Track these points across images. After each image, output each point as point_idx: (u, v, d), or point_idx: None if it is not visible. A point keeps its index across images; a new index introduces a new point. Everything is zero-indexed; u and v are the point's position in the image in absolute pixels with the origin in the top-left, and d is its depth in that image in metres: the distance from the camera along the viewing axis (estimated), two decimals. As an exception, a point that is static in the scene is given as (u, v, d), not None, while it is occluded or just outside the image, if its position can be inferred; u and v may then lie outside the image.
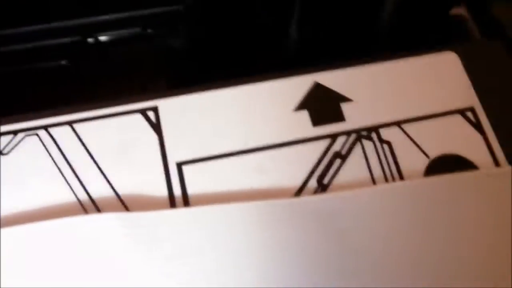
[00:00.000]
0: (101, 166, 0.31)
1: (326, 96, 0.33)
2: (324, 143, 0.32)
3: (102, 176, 0.30)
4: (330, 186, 0.31)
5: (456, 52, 0.35)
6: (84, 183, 0.30)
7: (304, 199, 0.29)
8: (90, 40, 0.42)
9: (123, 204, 0.29)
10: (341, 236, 0.29)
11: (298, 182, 0.31)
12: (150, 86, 0.41)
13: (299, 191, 0.30)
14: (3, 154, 0.31)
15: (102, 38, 0.42)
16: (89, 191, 0.30)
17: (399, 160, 0.32)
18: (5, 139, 0.31)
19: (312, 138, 0.32)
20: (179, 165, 0.31)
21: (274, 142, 0.32)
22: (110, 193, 0.30)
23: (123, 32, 0.42)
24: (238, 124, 0.32)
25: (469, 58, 0.35)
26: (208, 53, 0.42)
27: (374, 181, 0.31)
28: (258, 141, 0.32)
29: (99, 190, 0.30)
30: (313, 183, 0.31)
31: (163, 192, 0.30)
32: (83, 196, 0.30)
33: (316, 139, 0.32)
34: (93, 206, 0.30)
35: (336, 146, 0.32)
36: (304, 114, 0.33)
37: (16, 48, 0.41)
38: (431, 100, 0.33)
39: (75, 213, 0.29)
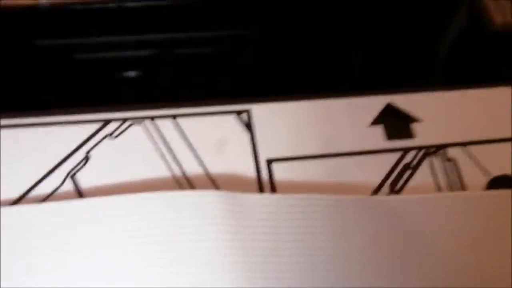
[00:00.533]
0: (200, 156, 0.35)
1: (398, 115, 0.37)
2: (395, 156, 0.36)
3: (200, 166, 0.34)
4: (401, 193, 0.34)
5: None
6: (183, 169, 0.34)
7: (380, 197, 0.33)
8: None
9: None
10: (409, 235, 0.32)
11: (372, 187, 0.34)
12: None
13: (374, 194, 0.34)
14: (112, 137, 0.35)
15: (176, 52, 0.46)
16: (187, 175, 0.34)
17: (463, 176, 0.35)
18: (115, 124, 0.36)
19: (385, 150, 0.36)
20: (269, 162, 0.35)
21: (351, 150, 0.35)
22: (206, 180, 0.34)
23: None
24: (320, 132, 0.36)
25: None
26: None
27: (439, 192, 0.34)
28: (337, 148, 0.36)
29: (197, 176, 0.34)
30: (385, 189, 0.34)
31: (253, 184, 0.34)
32: (181, 179, 0.34)
33: (389, 151, 0.36)
34: (189, 186, 0.33)
35: (407, 159, 0.36)
36: (379, 129, 0.37)
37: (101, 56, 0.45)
38: (496, 126, 0.37)
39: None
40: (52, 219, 0.31)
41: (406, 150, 0.36)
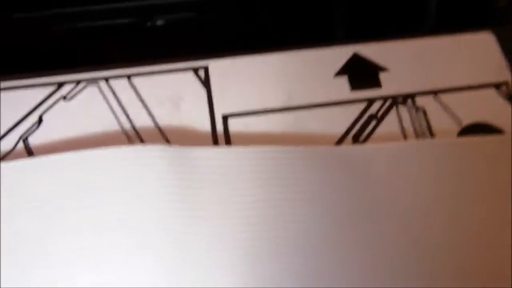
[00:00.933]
0: (154, 114, 0.33)
1: (364, 64, 0.35)
2: (360, 106, 0.34)
3: (153, 123, 0.33)
4: (365, 143, 0.33)
5: (494, 33, 0.36)
6: (136, 127, 0.33)
7: (342, 147, 0.32)
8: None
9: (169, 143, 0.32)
10: (372, 184, 0.30)
11: (335, 138, 0.33)
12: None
13: (336, 145, 0.32)
14: (66, 100, 0.34)
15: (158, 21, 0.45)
16: (140, 133, 0.33)
17: (433, 125, 0.33)
18: (69, 87, 0.35)
19: (349, 101, 0.34)
20: (225, 118, 0.33)
21: (314, 102, 0.34)
22: (159, 136, 0.33)
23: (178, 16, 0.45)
24: (281, 85, 0.34)
25: (505, 39, 0.36)
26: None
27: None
28: (299, 100, 0.34)
29: (150, 132, 0.33)
30: (349, 140, 0.33)
31: (208, 139, 0.33)
32: (133, 135, 0.33)
33: (353, 102, 0.34)
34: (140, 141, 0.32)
35: (372, 109, 0.34)
36: (343, 80, 0.35)
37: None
38: (467, 73, 0.35)
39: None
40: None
41: (371, 100, 0.34)
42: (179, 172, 0.29)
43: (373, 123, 0.33)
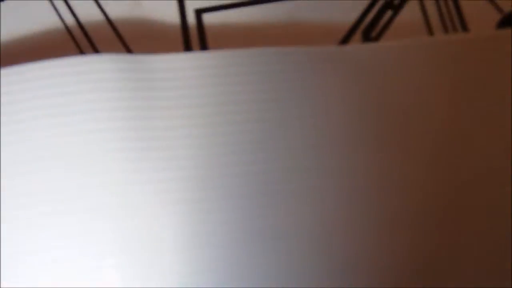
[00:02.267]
0: (108, 12, 0.26)
1: None
2: (370, -5, 0.26)
3: (107, 23, 0.26)
4: (379, 40, 0.25)
5: None
6: (90, 33, 0.26)
7: (348, 47, 0.24)
8: None
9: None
10: (378, 89, 0.24)
11: (339, 34, 0.26)
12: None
13: (342, 44, 0.25)
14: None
15: None
16: (91, 35, 0.26)
17: (466, 17, 0.26)
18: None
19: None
20: (199, 12, 0.26)
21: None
22: (115, 39, 0.26)
23: None
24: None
25: None
26: None
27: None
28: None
29: (103, 34, 0.26)
30: (358, 36, 0.26)
31: (178, 41, 0.26)
32: (81, 38, 0.26)
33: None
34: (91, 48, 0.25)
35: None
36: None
37: None
38: None
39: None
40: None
41: (386, -15, 0.27)
42: (135, 89, 0.23)
43: (389, 13, 0.26)
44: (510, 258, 0.22)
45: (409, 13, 0.26)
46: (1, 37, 0.26)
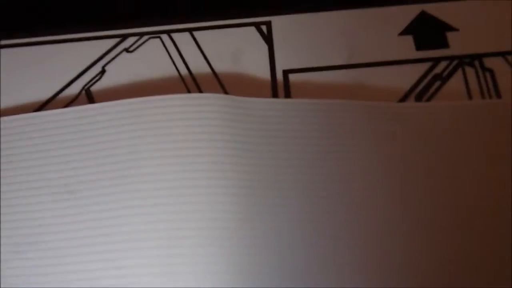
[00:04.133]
0: (214, 67, 0.33)
1: (432, 23, 0.34)
2: (425, 66, 0.33)
3: (213, 76, 0.33)
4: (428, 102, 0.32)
5: None
6: (196, 79, 0.33)
7: (404, 104, 0.31)
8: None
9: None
10: (431, 142, 0.30)
11: (397, 97, 0.32)
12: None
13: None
14: (128, 52, 0.35)
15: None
16: (200, 84, 0.33)
17: (501, 89, 0.32)
18: (132, 39, 0.35)
19: (414, 60, 0.33)
20: (286, 73, 0.33)
21: (376, 60, 0.33)
22: (218, 87, 0.33)
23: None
24: (343, 42, 0.34)
25: None
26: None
27: (472, 102, 0.32)
28: (360, 59, 0.33)
29: (209, 83, 0.33)
30: (411, 99, 0.32)
31: (268, 94, 0.32)
32: (192, 85, 0.33)
33: (418, 61, 0.33)
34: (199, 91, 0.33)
35: (437, 70, 0.33)
36: (409, 39, 0.34)
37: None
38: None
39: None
40: (62, 123, 0.31)
41: (437, 60, 0.33)
42: (236, 120, 0.29)
43: (438, 83, 0.32)
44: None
45: (454, 83, 0.32)
46: (127, 80, 0.34)
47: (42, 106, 0.33)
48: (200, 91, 0.33)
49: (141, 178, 0.29)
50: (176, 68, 0.34)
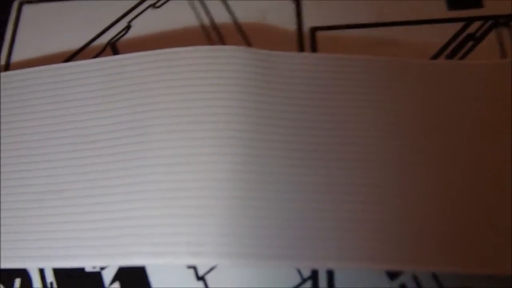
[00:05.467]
0: (240, 23, 0.33)
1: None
2: (458, 26, 0.32)
3: (238, 32, 0.33)
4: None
5: None
6: (221, 33, 0.33)
7: (434, 61, 0.30)
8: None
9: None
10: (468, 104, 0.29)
11: (427, 56, 0.31)
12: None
13: (427, 62, 0.31)
14: (155, 7, 0.34)
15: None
16: (225, 39, 0.32)
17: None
18: (158, -4, 0.35)
19: (446, 20, 0.32)
20: (313, 30, 0.32)
21: (406, 19, 0.32)
22: (243, 42, 0.32)
23: None
24: (372, 1, 0.33)
25: None
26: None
27: (506, 63, 0.30)
28: (391, 17, 0.32)
29: (234, 39, 0.32)
30: (442, 58, 0.31)
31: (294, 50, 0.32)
32: (217, 39, 0.33)
33: (450, 20, 0.32)
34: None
35: (470, 29, 0.32)
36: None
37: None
38: None
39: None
40: (86, 74, 0.31)
41: (470, 20, 0.32)
42: (260, 73, 0.29)
43: (470, 43, 0.31)
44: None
45: (487, 45, 0.31)
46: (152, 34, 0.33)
47: (69, 58, 0.33)
48: (224, 44, 0.32)
49: (160, 129, 0.28)
50: (202, 24, 0.33)
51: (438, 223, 0.26)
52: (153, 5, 0.34)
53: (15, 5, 0.36)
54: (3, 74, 0.32)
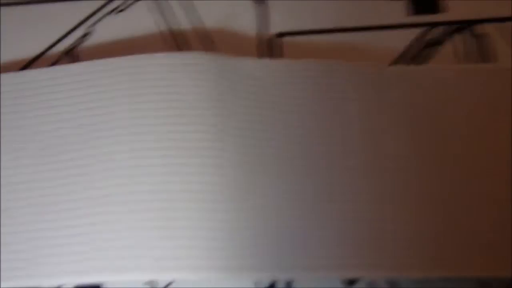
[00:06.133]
0: (207, 30, 0.33)
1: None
2: (418, 31, 0.32)
3: (205, 39, 0.32)
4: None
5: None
6: (185, 38, 0.32)
7: (394, 67, 0.31)
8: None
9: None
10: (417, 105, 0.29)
11: (388, 62, 0.32)
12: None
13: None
14: (117, 13, 0.34)
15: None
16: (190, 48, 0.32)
17: (496, 56, 0.32)
18: (118, 2, 0.34)
19: (406, 25, 0.33)
20: (279, 36, 0.32)
21: (367, 24, 0.33)
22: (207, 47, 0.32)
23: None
24: (336, 5, 0.33)
25: None
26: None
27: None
28: (351, 22, 0.33)
29: (198, 43, 0.32)
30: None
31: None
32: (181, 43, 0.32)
33: (410, 26, 0.33)
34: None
35: (430, 36, 0.32)
36: (400, 4, 0.33)
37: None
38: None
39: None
40: (45, 82, 0.30)
41: (431, 25, 0.33)
42: (223, 80, 0.29)
43: (429, 49, 0.32)
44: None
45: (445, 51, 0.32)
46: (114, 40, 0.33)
47: (28, 64, 0.32)
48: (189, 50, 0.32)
49: (127, 138, 0.28)
50: (166, 26, 0.33)
51: (436, 229, 0.27)
52: (115, 10, 0.34)
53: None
54: None
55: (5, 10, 0.34)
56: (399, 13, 0.33)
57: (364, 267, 0.26)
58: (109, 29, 0.33)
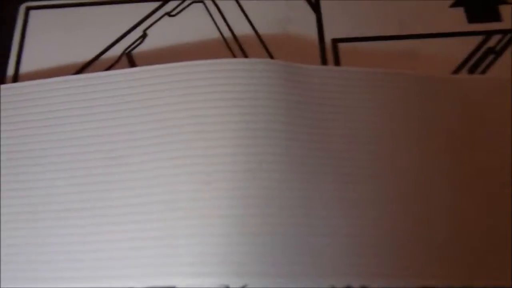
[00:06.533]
0: (260, 35, 0.32)
1: (484, -4, 0.33)
2: (477, 39, 0.32)
3: (260, 43, 0.32)
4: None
5: None
6: (242, 45, 0.32)
7: (457, 76, 0.30)
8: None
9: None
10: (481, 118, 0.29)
11: (448, 71, 0.31)
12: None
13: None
14: (170, 16, 0.33)
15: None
16: (246, 50, 0.32)
17: (556, 64, 0.31)
18: (174, 3, 0.34)
19: (465, 33, 0.32)
20: (335, 41, 0.32)
21: (426, 32, 0.32)
22: (265, 54, 0.32)
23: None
24: (393, 13, 0.33)
25: None
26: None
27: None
28: (412, 29, 0.32)
29: (255, 50, 0.32)
30: (464, 72, 0.31)
31: (317, 62, 0.32)
32: (238, 51, 0.32)
33: (470, 34, 0.32)
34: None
35: (490, 43, 0.32)
36: (460, 11, 0.33)
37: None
38: None
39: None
40: (100, 87, 0.30)
41: (490, 33, 0.32)
42: (285, 86, 0.28)
43: (491, 57, 0.32)
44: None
45: (507, 59, 0.32)
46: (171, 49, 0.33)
47: (83, 68, 0.32)
48: (246, 56, 0.32)
49: (183, 145, 0.28)
50: (220, 33, 0.33)
51: (436, 237, 0.26)
52: (169, 13, 0.34)
53: (22, 10, 0.35)
54: (3, 86, 0.30)
55: (59, 11, 0.34)
56: (459, 20, 0.33)
57: (412, 275, 0.25)
58: (162, 33, 0.33)
